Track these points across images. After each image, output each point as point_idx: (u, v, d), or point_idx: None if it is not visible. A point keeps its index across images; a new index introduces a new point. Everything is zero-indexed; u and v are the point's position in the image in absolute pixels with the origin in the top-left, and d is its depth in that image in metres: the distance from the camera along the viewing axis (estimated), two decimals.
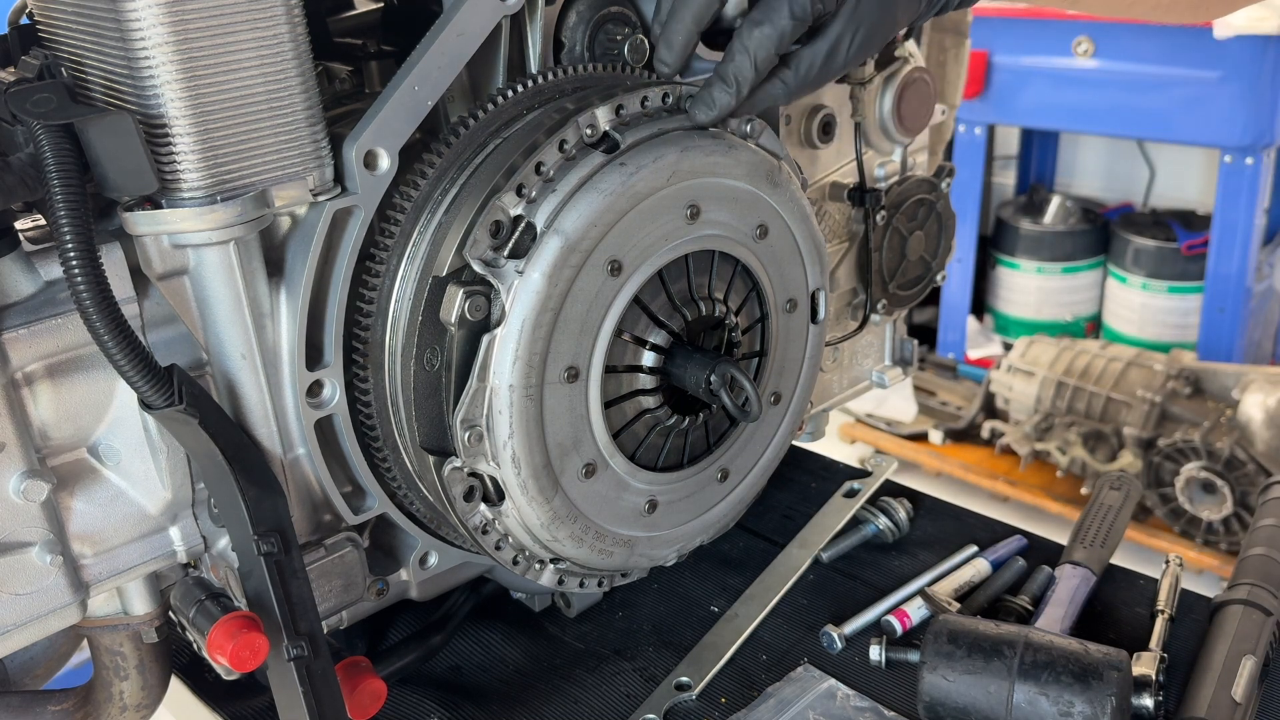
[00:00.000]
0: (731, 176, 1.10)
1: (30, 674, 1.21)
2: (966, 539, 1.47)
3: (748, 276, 1.18)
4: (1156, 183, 4.36)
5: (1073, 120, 3.92)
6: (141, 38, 0.84)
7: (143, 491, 1.00)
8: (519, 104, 1.08)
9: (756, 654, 1.31)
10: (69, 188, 0.80)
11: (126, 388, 0.91)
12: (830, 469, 1.68)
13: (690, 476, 1.20)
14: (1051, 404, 3.65)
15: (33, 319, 0.90)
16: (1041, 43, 3.75)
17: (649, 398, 1.13)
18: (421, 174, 1.03)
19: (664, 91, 1.09)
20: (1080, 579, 1.33)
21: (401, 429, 1.05)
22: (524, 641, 1.35)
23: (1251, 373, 3.38)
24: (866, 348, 1.59)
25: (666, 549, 1.23)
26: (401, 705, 1.25)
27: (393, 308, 1.02)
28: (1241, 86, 3.41)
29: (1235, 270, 3.66)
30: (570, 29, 1.15)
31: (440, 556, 1.22)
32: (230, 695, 1.26)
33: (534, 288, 0.98)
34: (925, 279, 1.54)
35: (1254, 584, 1.24)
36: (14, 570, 0.93)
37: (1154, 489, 3.46)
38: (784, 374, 1.26)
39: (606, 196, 1.00)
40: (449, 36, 1.01)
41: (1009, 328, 4.33)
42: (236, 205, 0.90)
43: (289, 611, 0.97)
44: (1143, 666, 1.17)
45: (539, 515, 1.07)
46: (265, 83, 0.90)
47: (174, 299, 0.96)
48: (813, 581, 1.43)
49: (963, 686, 1.12)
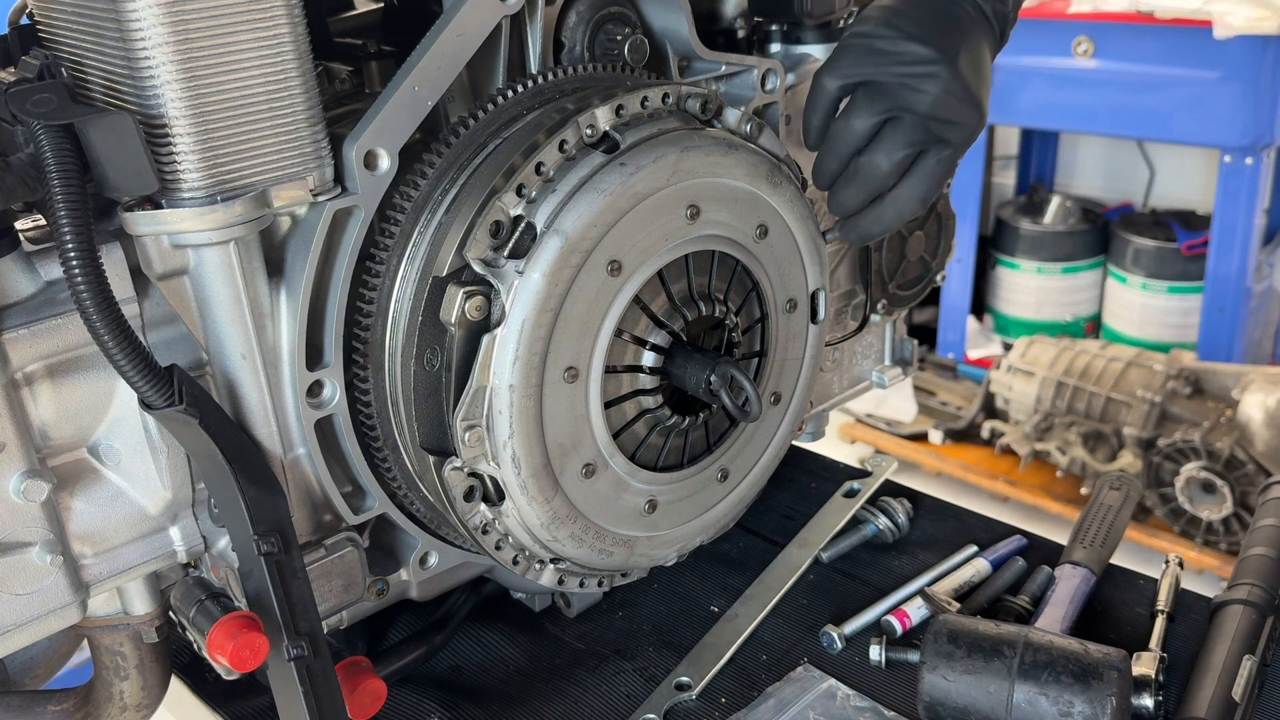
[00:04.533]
0: (731, 176, 1.10)
1: (30, 674, 1.21)
2: (966, 539, 1.47)
3: (748, 276, 1.18)
4: (1156, 183, 4.35)
5: (1072, 120, 3.91)
6: (142, 38, 0.84)
7: (143, 491, 1.00)
8: (519, 104, 1.08)
9: (756, 654, 1.31)
10: (69, 188, 0.80)
11: (126, 388, 0.91)
12: (830, 469, 1.68)
13: (690, 476, 1.20)
14: (1051, 404, 3.65)
15: (33, 319, 0.90)
16: (1041, 43, 3.75)
17: (649, 398, 1.13)
18: (421, 174, 1.03)
19: (664, 91, 1.09)
20: (1080, 579, 1.33)
21: (402, 429, 1.05)
22: (524, 641, 1.35)
23: (1251, 373, 3.38)
24: (866, 348, 1.59)
25: (666, 549, 1.23)
26: (401, 705, 1.25)
27: (393, 308, 1.02)
28: (1241, 86, 3.40)
29: (1235, 270, 3.66)
30: (570, 29, 1.15)
31: (440, 556, 1.22)
32: (230, 695, 1.26)
33: (534, 288, 0.98)
34: (925, 279, 1.54)
35: (1254, 584, 1.24)
36: (14, 570, 0.93)
37: (1154, 489, 3.45)
38: (784, 374, 1.26)
39: (606, 196, 1.00)
40: (449, 36, 1.01)
41: (1009, 328, 4.33)
42: (236, 205, 0.90)
43: (289, 611, 0.97)
44: (1143, 666, 1.17)
45: (539, 515, 1.07)
46: (265, 83, 0.90)
47: (174, 299, 0.96)
48: (813, 581, 1.43)
49: (963, 686, 1.12)
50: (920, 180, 1.11)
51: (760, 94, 1.26)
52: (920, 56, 1.04)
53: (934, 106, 1.05)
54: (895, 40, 1.05)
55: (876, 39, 1.06)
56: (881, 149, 1.09)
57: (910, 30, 1.05)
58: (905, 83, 1.05)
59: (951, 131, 1.07)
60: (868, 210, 1.15)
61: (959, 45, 1.06)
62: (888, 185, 1.12)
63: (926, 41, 1.04)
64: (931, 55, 1.04)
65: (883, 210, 1.14)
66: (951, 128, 1.07)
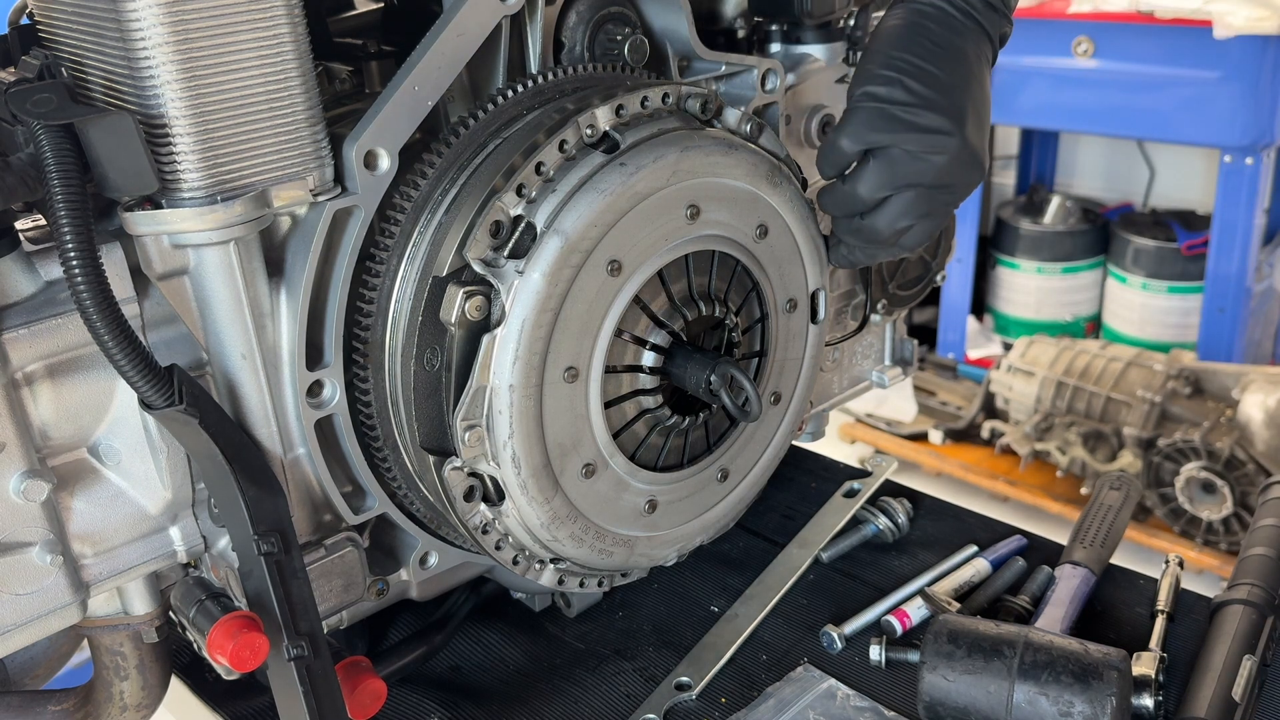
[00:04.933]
0: (731, 176, 1.10)
1: (30, 674, 1.21)
2: (966, 539, 1.47)
3: (748, 276, 1.18)
4: (1156, 183, 4.35)
5: (1072, 120, 3.91)
6: (142, 38, 0.84)
7: (143, 491, 1.00)
8: (519, 104, 1.08)
9: (756, 654, 1.31)
10: (69, 188, 0.80)
11: (126, 388, 0.91)
12: (830, 469, 1.67)
13: (690, 476, 1.20)
14: (1051, 404, 3.65)
15: (33, 319, 0.90)
16: (1041, 43, 3.75)
17: (649, 398, 1.13)
18: (421, 174, 1.03)
19: (664, 91, 1.09)
20: (1080, 579, 1.33)
21: (402, 429, 1.05)
22: (524, 641, 1.35)
23: (1251, 373, 3.38)
24: (866, 348, 1.59)
25: (666, 549, 1.23)
26: (401, 705, 1.25)
27: (393, 308, 1.02)
28: (1241, 86, 3.40)
29: (1235, 270, 3.66)
30: (570, 29, 1.15)
31: (440, 556, 1.22)
32: (230, 695, 1.26)
33: (534, 288, 0.98)
34: (925, 279, 1.54)
35: (1254, 584, 1.24)
36: (14, 570, 0.93)
37: (1154, 489, 3.45)
38: (784, 374, 1.26)
39: (606, 196, 1.00)
40: (449, 36, 1.01)
41: (1009, 328, 4.33)
42: (236, 205, 0.90)
43: (289, 611, 0.97)
44: (1143, 666, 1.17)
45: (539, 515, 1.07)
46: (265, 83, 0.90)
47: (174, 299, 0.96)
48: (813, 581, 1.43)
49: (963, 686, 1.12)
50: (916, 236, 1.15)
51: (760, 94, 1.26)
52: (934, 126, 1.06)
53: (941, 176, 1.08)
54: (910, 109, 1.06)
55: (891, 105, 1.06)
56: (884, 217, 1.12)
57: (923, 95, 1.06)
58: (918, 153, 1.07)
59: (953, 195, 1.11)
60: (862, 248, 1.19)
61: (967, 102, 1.07)
62: (889, 244, 1.16)
63: (940, 108, 1.06)
64: (945, 126, 1.06)
65: (875, 254, 1.20)
66: (954, 192, 1.11)
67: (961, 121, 1.06)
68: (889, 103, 1.06)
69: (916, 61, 1.07)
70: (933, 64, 1.07)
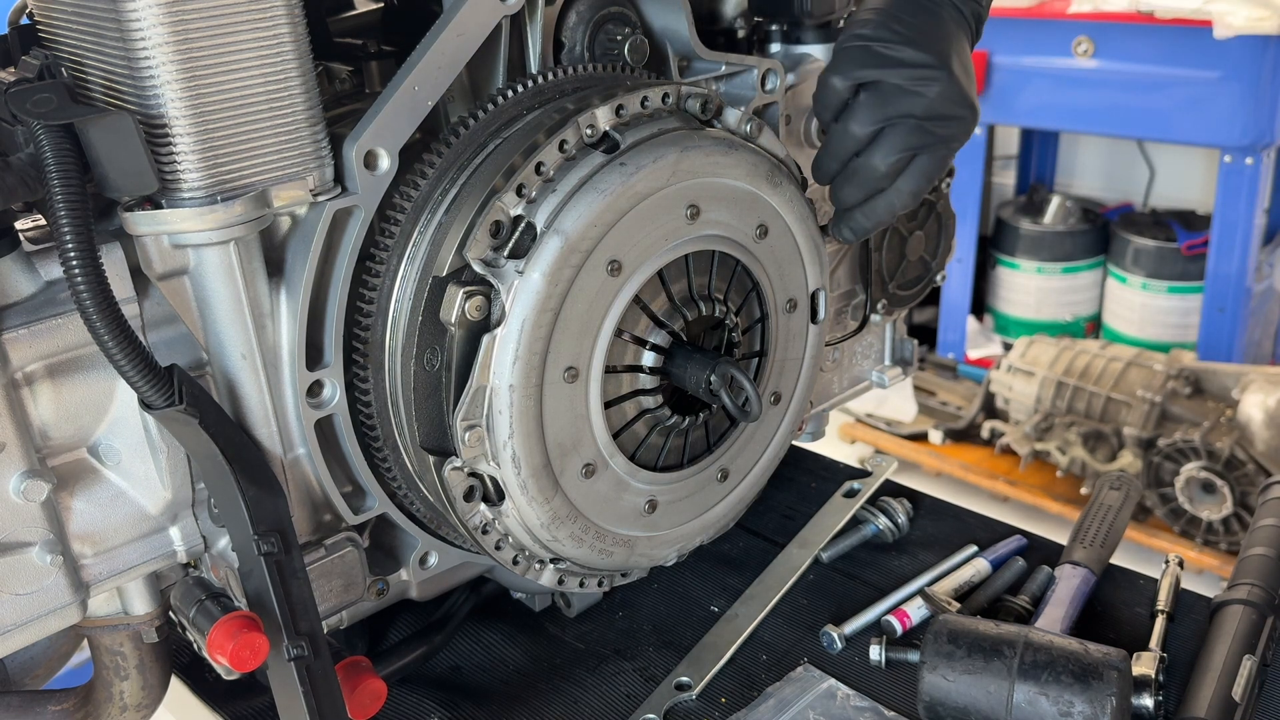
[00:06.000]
0: (731, 176, 1.10)
1: (30, 674, 1.21)
2: (966, 539, 1.47)
3: (748, 276, 1.18)
4: (1156, 183, 4.36)
5: (1073, 120, 3.91)
6: (142, 38, 0.84)
7: (143, 491, 1.00)
8: (519, 104, 1.08)
9: (756, 654, 1.31)
10: (69, 188, 0.80)
11: (126, 388, 0.91)
12: (830, 469, 1.68)
13: (690, 476, 1.20)
14: (1051, 404, 3.65)
15: (33, 319, 0.90)
16: (1041, 43, 3.75)
17: (649, 398, 1.13)
18: (421, 174, 1.03)
19: (664, 91, 1.09)
20: (1080, 579, 1.33)
21: (402, 429, 1.05)
22: (524, 641, 1.35)
23: (1251, 373, 3.38)
24: (866, 348, 1.59)
25: (666, 549, 1.23)
26: (401, 705, 1.25)
27: (393, 308, 1.02)
28: (1241, 86, 3.40)
29: (1235, 270, 3.66)
30: (570, 29, 1.15)
31: (440, 556, 1.22)
32: (230, 695, 1.26)
33: (534, 288, 0.98)
34: (925, 279, 1.54)
35: (1254, 584, 1.24)
36: (14, 570, 0.93)
37: (1154, 489, 3.45)
38: (784, 374, 1.26)
39: (606, 196, 1.00)
40: (449, 36, 1.01)
41: (1009, 328, 4.33)
42: (236, 205, 0.90)
43: (289, 611, 0.97)
44: (1143, 666, 1.17)
45: (539, 515, 1.07)
46: (265, 83, 0.90)
47: (174, 299, 0.96)
48: (813, 581, 1.43)
49: (963, 686, 1.12)
50: (914, 177, 1.15)
51: (760, 94, 1.26)
52: (920, 60, 1.09)
53: (932, 108, 1.10)
54: (894, 45, 1.10)
55: (876, 43, 1.10)
56: (879, 152, 1.13)
57: (907, 35, 1.10)
58: (906, 86, 1.09)
59: (946, 129, 1.12)
60: (861, 205, 1.19)
61: (950, 48, 1.12)
62: (884, 185, 1.16)
63: (923, 46, 1.10)
64: (929, 60, 1.09)
65: (876, 205, 1.18)
66: (947, 125, 1.12)
67: (946, 60, 1.10)
68: (875, 40, 1.10)
69: (900, 15, 1.11)
70: (915, 17, 1.12)
